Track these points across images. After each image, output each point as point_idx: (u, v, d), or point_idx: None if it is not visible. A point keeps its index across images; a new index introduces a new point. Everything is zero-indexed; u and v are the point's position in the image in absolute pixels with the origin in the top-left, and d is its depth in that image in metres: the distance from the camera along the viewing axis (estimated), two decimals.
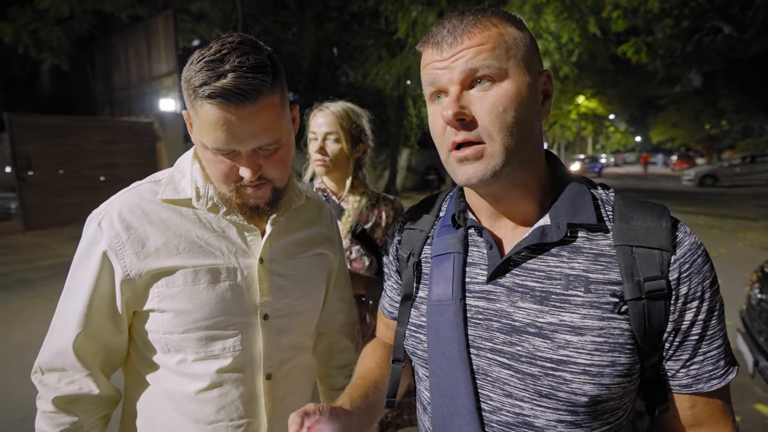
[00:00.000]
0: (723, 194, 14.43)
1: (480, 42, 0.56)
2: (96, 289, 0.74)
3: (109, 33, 11.48)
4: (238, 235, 0.79)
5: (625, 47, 9.65)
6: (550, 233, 0.58)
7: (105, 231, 0.74)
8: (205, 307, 0.74)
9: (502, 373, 0.58)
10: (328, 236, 0.94)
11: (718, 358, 0.57)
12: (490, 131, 0.55)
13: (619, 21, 8.58)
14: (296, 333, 0.85)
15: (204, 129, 0.67)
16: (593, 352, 0.54)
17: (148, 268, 0.73)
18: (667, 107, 26.46)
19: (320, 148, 1.36)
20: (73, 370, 0.75)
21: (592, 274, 0.56)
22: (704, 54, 12.26)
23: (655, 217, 0.57)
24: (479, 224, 0.64)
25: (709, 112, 23.99)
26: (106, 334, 0.76)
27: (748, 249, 6.23)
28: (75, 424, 0.75)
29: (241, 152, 0.69)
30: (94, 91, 12.58)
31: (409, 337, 0.69)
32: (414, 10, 9.53)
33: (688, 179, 18.86)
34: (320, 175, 1.42)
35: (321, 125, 1.37)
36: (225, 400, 0.77)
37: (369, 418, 0.68)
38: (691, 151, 34.44)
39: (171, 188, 0.78)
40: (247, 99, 0.65)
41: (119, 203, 0.76)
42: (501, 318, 0.59)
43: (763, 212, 9.91)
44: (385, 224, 1.46)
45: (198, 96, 0.66)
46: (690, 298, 0.55)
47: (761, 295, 2.45)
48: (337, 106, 1.40)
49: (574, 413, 0.55)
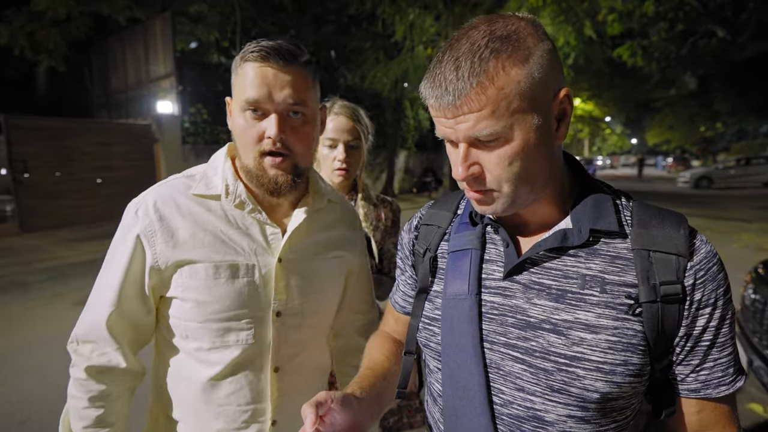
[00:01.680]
0: (718, 196, 14.53)
1: (479, 107, 0.53)
2: (129, 271, 0.80)
3: (107, 35, 11.47)
4: (260, 233, 0.83)
5: (621, 50, 9.72)
6: (572, 237, 0.59)
7: (140, 218, 0.79)
8: (223, 301, 0.79)
9: (515, 368, 0.60)
10: (349, 239, 0.97)
11: (728, 365, 0.58)
12: (498, 182, 0.57)
13: (615, 24, 8.64)
14: (307, 331, 0.88)
15: (244, 85, 0.75)
16: (607, 350, 0.55)
17: (175, 257, 0.78)
18: (662, 110, 26.64)
19: (345, 157, 1.31)
20: (104, 343, 0.81)
21: (609, 275, 0.57)
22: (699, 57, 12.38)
23: (674, 225, 0.58)
24: (496, 223, 0.65)
25: (704, 115, 24.17)
26: (136, 314, 0.82)
27: (742, 250, 6.28)
28: (103, 392, 0.81)
29: (271, 111, 0.76)
30: (91, 94, 12.55)
31: (422, 330, 0.71)
32: (411, 13, 9.57)
33: (684, 181, 18.98)
34: (339, 184, 1.37)
35: (341, 132, 1.32)
36: (235, 387, 0.82)
37: (378, 406, 0.69)
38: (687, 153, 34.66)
39: (203, 184, 0.83)
40: (284, 58, 0.75)
41: (155, 194, 0.81)
42: (516, 314, 0.60)
43: (757, 214, 9.99)
44: (384, 226, 1.45)
45: (243, 59, 0.76)
46: (703, 304, 0.56)
47: (755, 296, 2.48)
48: (347, 108, 1.36)
49: (584, 409, 0.56)
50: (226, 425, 0.83)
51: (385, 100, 13.44)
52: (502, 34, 0.54)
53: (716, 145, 31.18)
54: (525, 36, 0.55)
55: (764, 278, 2.49)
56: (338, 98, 1.42)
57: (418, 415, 1.50)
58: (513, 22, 0.56)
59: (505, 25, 0.55)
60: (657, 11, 9.42)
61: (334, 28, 13.27)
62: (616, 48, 10.08)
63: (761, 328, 2.33)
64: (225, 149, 0.86)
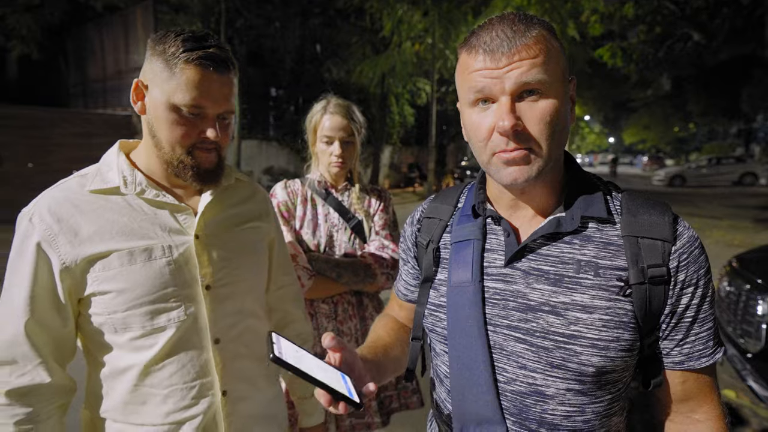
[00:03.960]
0: (690, 194, 15.08)
1: (535, 54, 0.58)
2: (36, 280, 0.77)
3: (84, 22, 11.06)
4: (170, 216, 0.85)
5: (602, 51, 9.96)
6: (565, 224, 0.64)
7: (36, 225, 0.77)
8: (144, 285, 0.79)
9: (517, 347, 0.64)
10: (263, 211, 1.02)
11: (708, 339, 0.63)
12: (538, 140, 0.60)
13: (597, 25, 8.86)
14: (240, 299, 0.91)
15: (184, 88, 0.78)
16: (601, 328, 0.60)
17: (83, 254, 0.77)
18: (638, 110, 27.44)
19: (341, 152, 1.43)
20: (24, 361, 0.77)
21: (601, 260, 0.62)
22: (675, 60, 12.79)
23: (659, 212, 0.64)
24: (497, 214, 0.70)
25: (677, 116, 25.01)
26: (52, 326, 0.79)
27: (714, 247, 6.56)
28: (30, 415, 0.77)
29: (209, 115, 0.81)
30: (67, 82, 12.10)
31: (428, 316, 0.75)
32: (399, 9, 9.57)
33: (659, 179, 19.62)
34: (336, 174, 1.48)
35: (337, 130, 1.43)
36: (176, 366, 0.83)
37: (377, 374, 0.72)
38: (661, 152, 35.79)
39: (99, 179, 0.83)
40: (226, 68, 0.82)
41: (47, 199, 0.80)
42: (517, 298, 0.65)
43: (727, 212, 10.43)
44: (374, 212, 1.52)
45: (182, 60, 0.78)
46: (686, 284, 0.62)
47: (730, 288, 2.63)
48: (342, 107, 1.45)
49: (581, 383, 0.62)
50: (174, 406, 0.83)
51: (370, 96, 13.41)
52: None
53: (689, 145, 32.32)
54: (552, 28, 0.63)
55: (738, 272, 2.64)
56: (332, 96, 1.49)
57: (414, 396, 1.55)
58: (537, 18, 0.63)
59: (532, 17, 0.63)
60: (637, 14, 9.70)
61: (321, 21, 13.13)
62: (596, 49, 10.33)
63: (735, 318, 2.48)
64: (116, 147, 0.88)
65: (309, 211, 1.46)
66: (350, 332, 1.46)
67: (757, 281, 2.41)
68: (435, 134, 13.61)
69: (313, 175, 1.50)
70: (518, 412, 0.64)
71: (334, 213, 1.46)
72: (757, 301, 2.31)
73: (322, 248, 1.44)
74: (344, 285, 1.41)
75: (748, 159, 19.54)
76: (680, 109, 23.49)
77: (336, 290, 1.43)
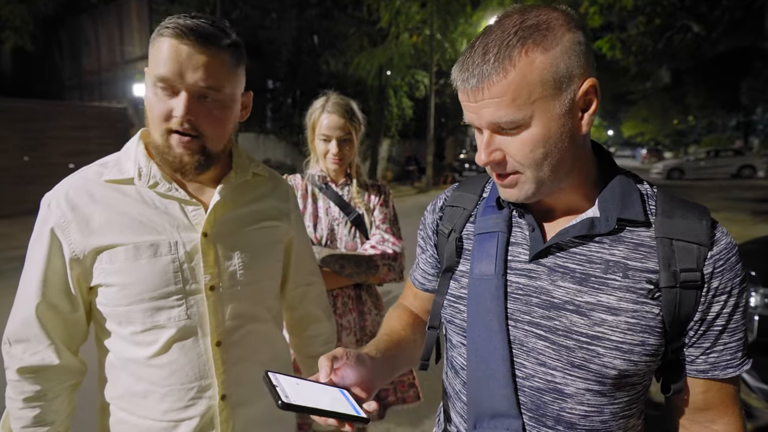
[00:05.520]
0: (689, 187, 15.11)
1: (500, 93, 0.55)
2: (49, 264, 0.79)
3: (78, 13, 10.93)
4: (180, 211, 0.82)
5: (601, 43, 9.90)
6: (599, 225, 0.61)
7: (53, 211, 0.79)
8: (146, 281, 0.78)
9: (538, 344, 0.63)
10: (282, 210, 0.97)
11: (737, 350, 0.61)
12: (523, 168, 0.60)
13: (596, 17, 8.79)
14: (247, 302, 0.88)
15: (157, 60, 0.74)
16: (626, 331, 0.58)
17: (92, 245, 0.78)
18: (637, 102, 27.39)
19: (338, 151, 1.46)
20: (36, 341, 0.79)
21: (631, 261, 0.60)
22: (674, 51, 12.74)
23: (697, 216, 0.61)
24: (522, 207, 0.68)
25: (676, 108, 24.99)
26: (62, 310, 0.81)
27: None
28: (38, 392, 0.80)
29: (178, 89, 0.74)
30: (62, 75, 11.98)
31: (447, 307, 0.74)
32: (397, 0, 9.48)
33: (657, 172, 19.65)
34: (335, 171, 1.51)
35: (334, 129, 1.45)
36: (175, 366, 0.82)
37: (390, 369, 0.71)
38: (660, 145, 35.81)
39: (116, 169, 0.82)
40: (200, 38, 0.73)
41: (67, 185, 0.81)
42: (540, 294, 0.64)
43: (724, 204, 10.46)
44: (373, 206, 1.54)
45: (159, 34, 0.74)
46: (720, 291, 0.59)
47: None
48: (340, 105, 1.46)
49: (601, 384, 0.61)
50: (171, 405, 0.82)
51: (368, 88, 13.33)
52: (532, 23, 0.56)
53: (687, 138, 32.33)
54: (555, 26, 0.56)
55: None
56: (332, 93, 1.51)
57: (411, 390, 1.56)
58: (545, 12, 0.57)
59: (537, 15, 0.57)
60: (636, 5, 9.62)
61: (318, 13, 13.00)
62: (595, 41, 10.26)
63: None
64: (138, 135, 0.85)
65: (310, 205, 1.48)
66: (349, 326, 1.47)
67: (751, 273, 2.41)
68: (433, 127, 13.57)
69: (314, 170, 1.52)
70: (535, 408, 0.64)
71: (334, 207, 1.48)
72: (750, 293, 2.32)
73: (324, 242, 1.46)
74: (347, 277, 1.42)
75: (746, 152, 19.56)
76: (679, 101, 23.46)
77: (337, 283, 1.44)
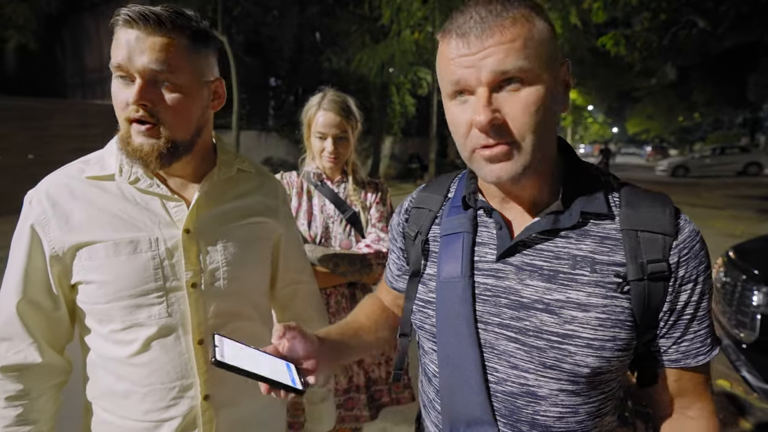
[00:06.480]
0: (694, 184, 14.99)
1: (512, 38, 0.53)
2: (30, 261, 0.78)
3: (80, 11, 10.96)
4: (161, 207, 0.81)
5: (605, 39, 9.79)
6: (563, 219, 0.61)
7: (34, 207, 0.79)
8: (126, 278, 0.77)
9: (509, 347, 0.62)
10: (269, 206, 0.95)
11: (706, 336, 0.61)
12: (521, 134, 0.55)
13: (600, 12, 8.68)
14: (231, 300, 0.86)
15: (113, 49, 0.73)
16: (597, 327, 0.58)
17: (71, 242, 0.77)
18: (642, 99, 27.14)
19: (334, 149, 1.44)
20: (18, 339, 0.79)
21: (598, 255, 0.59)
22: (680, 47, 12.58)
23: (660, 205, 0.61)
24: (489, 206, 0.66)
25: (682, 105, 24.75)
26: (44, 308, 0.80)
27: (715, 236, 6.51)
28: (21, 391, 0.79)
29: (131, 74, 0.73)
30: (65, 73, 12.04)
31: (417, 312, 0.72)
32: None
33: (662, 170, 19.51)
34: (330, 169, 1.50)
35: (330, 127, 1.43)
36: (156, 365, 0.81)
37: (338, 354, 0.70)
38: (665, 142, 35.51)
39: (98, 166, 0.82)
40: (150, 22, 0.72)
41: (49, 182, 0.80)
42: (509, 295, 0.62)
43: (729, 202, 10.36)
44: (370, 204, 1.52)
45: (113, 24, 0.73)
46: (686, 280, 0.59)
47: (726, 279, 2.60)
48: (336, 103, 1.44)
49: (575, 383, 0.60)
50: (152, 405, 0.81)
51: (370, 85, 13.29)
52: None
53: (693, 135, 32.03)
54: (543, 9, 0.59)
55: (735, 262, 2.62)
56: (329, 90, 1.50)
57: (406, 391, 1.55)
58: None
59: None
60: (640, 0, 9.50)
61: (319, 10, 12.96)
62: (599, 37, 10.16)
63: (730, 309, 2.45)
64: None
65: (305, 202, 1.47)
66: None
67: (753, 272, 2.38)
68: (436, 124, 13.50)
69: (309, 167, 1.51)
70: (509, 413, 0.62)
71: (330, 205, 1.47)
72: (752, 292, 2.29)
73: (318, 240, 1.44)
74: (341, 276, 1.41)
75: (753, 149, 19.37)
76: (685, 98, 23.23)
77: (331, 282, 1.43)
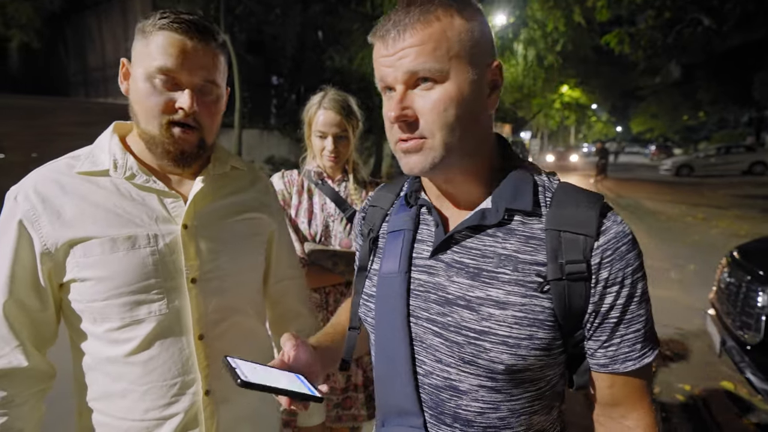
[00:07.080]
0: (698, 184, 14.89)
1: (421, 41, 0.56)
2: (16, 259, 0.75)
3: (82, 10, 10.99)
4: (159, 203, 0.81)
5: (609, 37, 9.73)
6: (489, 216, 0.62)
7: (21, 204, 0.76)
8: (125, 274, 0.76)
9: (434, 341, 0.63)
10: (263, 202, 0.97)
11: (635, 342, 0.60)
12: (431, 128, 0.58)
13: (604, 11, 8.63)
14: (230, 295, 0.87)
15: (155, 54, 0.74)
16: (513, 325, 0.58)
17: (64, 238, 0.75)
18: (647, 98, 27.00)
19: (334, 148, 1.44)
20: (3, 342, 0.76)
21: (522, 254, 0.60)
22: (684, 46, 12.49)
23: (587, 205, 0.60)
24: (430, 203, 0.68)
25: (687, 104, 24.59)
26: (31, 309, 0.78)
27: (720, 236, 6.48)
28: (4, 399, 0.76)
29: (182, 83, 0.76)
30: (68, 71, 12.08)
31: (362, 306, 0.75)
32: None
33: (666, 169, 19.39)
34: (331, 168, 1.50)
35: (330, 126, 1.43)
36: (156, 362, 0.80)
37: (331, 360, 0.75)
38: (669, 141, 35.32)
39: (89, 162, 0.80)
40: (203, 36, 0.76)
41: (35, 178, 0.78)
42: (438, 291, 0.64)
43: (734, 201, 10.29)
44: None
45: (157, 27, 0.75)
46: (610, 282, 0.58)
47: (729, 279, 2.57)
48: (336, 102, 1.45)
49: (493, 380, 0.60)
50: (153, 403, 0.80)
51: (372, 83, 13.24)
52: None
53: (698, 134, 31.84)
54: (473, 3, 0.61)
55: (739, 263, 2.58)
56: (330, 89, 1.50)
57: None
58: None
59: None
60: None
61: (322, 8, 12.95)
62: (603, 35, 10.10)
63: (734, 310, 2.42)
64: (111, 128, 0.85)
65: (305, 201, 1.47)
66: None
67: (758, 272, 2.35)
68: None
69: (310, 166, 1.52)
70: (435, 405, 0.64)
71: (330, 203, 1.47)
72: (757, 293, 2.26)
73: (318, 238, 1.45)
74: (339, 275, 1.41)
75: (758, 148, 19.21)
76: (690, 97, 23.07)
77: (329, 281, 1.43)
